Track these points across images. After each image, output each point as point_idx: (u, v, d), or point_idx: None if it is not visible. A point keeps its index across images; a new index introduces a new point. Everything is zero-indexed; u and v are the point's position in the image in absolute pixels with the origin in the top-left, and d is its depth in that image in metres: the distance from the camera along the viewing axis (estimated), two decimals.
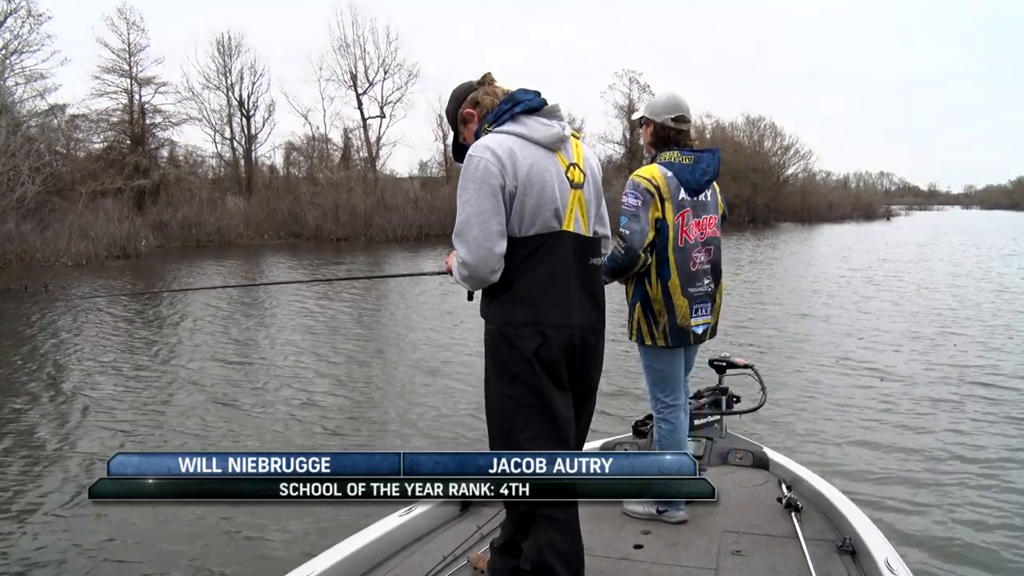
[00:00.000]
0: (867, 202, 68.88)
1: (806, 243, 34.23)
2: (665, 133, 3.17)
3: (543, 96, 2.28)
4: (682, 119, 3.16)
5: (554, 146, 2.24)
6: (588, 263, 2.28)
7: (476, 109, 2.34)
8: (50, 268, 21.37)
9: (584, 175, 2.31)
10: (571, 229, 2.24)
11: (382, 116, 41.23)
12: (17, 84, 29.53)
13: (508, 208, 2.17)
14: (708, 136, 52.55)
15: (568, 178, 2.25)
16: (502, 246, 2.17)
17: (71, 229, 23.75)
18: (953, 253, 27.61)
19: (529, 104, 2.24)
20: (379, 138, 41.38)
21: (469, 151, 2.21)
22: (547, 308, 2.18)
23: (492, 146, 2.17)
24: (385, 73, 40.83)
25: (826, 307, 14.37)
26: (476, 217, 2.15)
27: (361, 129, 40.97)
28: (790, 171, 55.43)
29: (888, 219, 66.09)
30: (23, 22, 29.64)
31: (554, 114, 2.27)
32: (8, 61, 29.34)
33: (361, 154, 41.16)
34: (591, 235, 2.32)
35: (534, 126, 2.22)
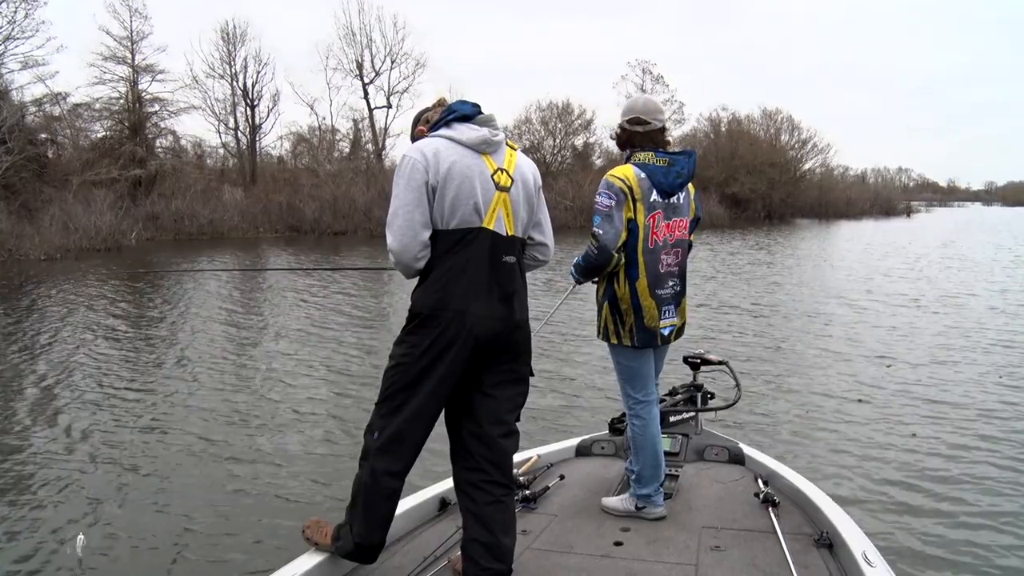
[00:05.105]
0: (886, 198, 67.34)
1: (822, 240, 32.99)
2: (624, 135, 3.21)
3: (480, 107, 2.53)
4: (637, 121, 3.16)
5: (480, 148, 2.45)
6: (502, 260, 2.44)
7: (426, 127, 2.59)
8: (15, 263, 20.44)
9: (512, 180, 2.49)
10: (491, 227, 2.42)
11: (388, 106, 40.45)
12: (10, 71, 28.99)
13: (431, 201, 2.38)
14: (723, 129, 51.28)
15: (494, 180, 2.44)
16: (424, 235, 2.38)
17: (52, 221, 22.84)
18: (982, 254, 26.23)
19: (462, 112, 2.49)
20: (385, 128, 40.56)
21: (403, 152, 2.47)
22: (456, 296, 2.37)
23: (421, 147, 2.42)
24: (392, 62, 40.05)
25: (820, 305, 13.61)
26: (402, 209, 2.38)
27: (367, 120, 40.19)
28: (807, 165, 53.92)
29: (908, 215, 64.89)
30: (16, 7, 29.05)
31: (486, 122, 2.48)
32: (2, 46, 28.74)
33: (369, 146, 40.37)
34: (513, 235, 2.49)
35: (462, 130, 2.45)
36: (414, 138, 2.63)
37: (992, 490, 5.24)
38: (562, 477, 3.57)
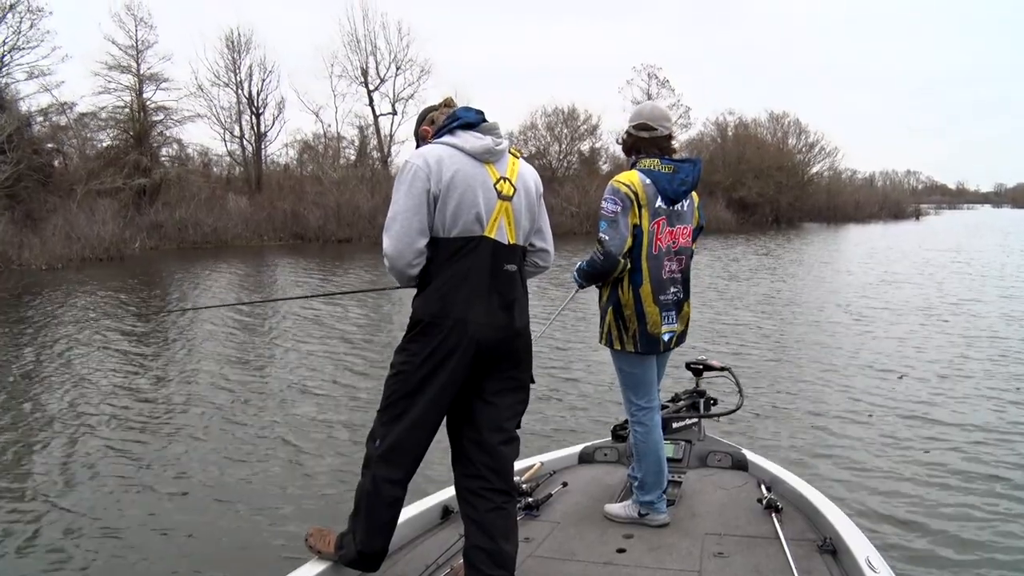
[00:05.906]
0: (895, 201, 67.02)
1: (829, 244, 32.73)
2: (631, 140, 3.23)
3: (484, 114, 2.54)
4: (644, 127, 3.18)
5: (483, 157, 2.46)
6: (503, 268, 2.46)
7: (431, 127, 2.61)
8: (15, 272, 20.25)
9: (515, 189, 2.50)
10: (493, 236, 2.43)
11: (394, 113, 40.41)
12: (15, 81, 29.04)
13: (433, 210, 2.39)
14: (730, 133, 51.06)
15: (496, 189, 2.46)
16: (421, 243, 2.39)
17: (55, 230, 22.78)
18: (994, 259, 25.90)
19: (466, 120, 2.50)
20: (391, 135, 40.50)
21: (405, 158, 2.48)
22: (457, 304, 2.38)
23: (424, 153, 2.42)
24: (397, 69, 40.00)
25: (826, 313, 13.40)
26: (401, 215, 2.38)
27: (373, 127, 40.17)
28: (815, 169, 53.64)
29: (917, 218, 64.54)
30: (22, 17, 29.12)
31: (490, 131, 2.50)
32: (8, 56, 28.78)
33: (375, 153, 40.37)
34: (515, 244, 2.50)
35: (467, 138, 2.46)
36: (418, 136, 2.67)
37: (1000, 498, 5.14)
38: (565, 484, 3.55)
